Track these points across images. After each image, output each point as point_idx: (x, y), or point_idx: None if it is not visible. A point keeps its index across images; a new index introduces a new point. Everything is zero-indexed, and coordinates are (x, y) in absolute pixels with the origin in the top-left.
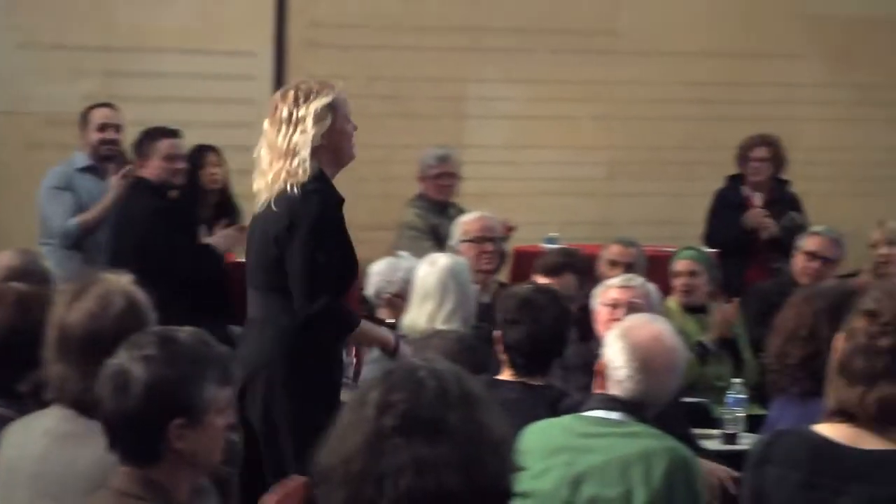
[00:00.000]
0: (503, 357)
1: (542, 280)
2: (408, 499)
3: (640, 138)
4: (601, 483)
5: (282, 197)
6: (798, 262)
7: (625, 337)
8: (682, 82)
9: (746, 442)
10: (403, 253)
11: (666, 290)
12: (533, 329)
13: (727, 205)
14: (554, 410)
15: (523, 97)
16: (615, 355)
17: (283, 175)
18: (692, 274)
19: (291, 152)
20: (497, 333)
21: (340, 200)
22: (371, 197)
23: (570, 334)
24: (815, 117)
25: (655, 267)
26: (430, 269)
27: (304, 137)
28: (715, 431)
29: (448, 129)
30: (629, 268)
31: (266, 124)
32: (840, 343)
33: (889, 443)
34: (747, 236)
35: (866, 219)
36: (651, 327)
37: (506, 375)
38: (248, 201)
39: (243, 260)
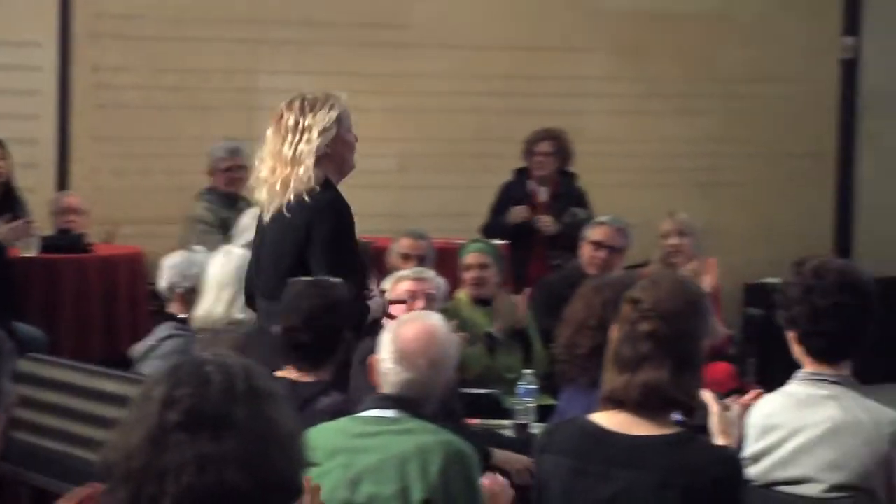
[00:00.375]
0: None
1: None
2: (189, 495)
3: (431, 131)
4: (378, 482)
5: (295, 206)
6: (585, 253)
7: (392, 333)
8: (474, 75)
9: (537, 432)
10: (198, 247)
11: (455, 282)
12: (294, 323)
13: (511, 198)
14: (302, 409)
15: (314, 89)
16: (383, 351)
17: (292, 183)
18: (482, 266)
19: (298, 160)
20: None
21: (349, 207)
22: (159, 190)
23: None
24: (604, 110)
25: (445, 259)
26: (226, 259)
27: (310, 146)
28: (506, 422)
29: (238, 121)
30: (421, 261)
31: (269, 132)
32: (614, 332)
33: (656, 428)
34: (525, 231)
35: (656, 210)
36: (419, 323)
37: (283, 371)
38: (33, 194)
39: (29, 255)
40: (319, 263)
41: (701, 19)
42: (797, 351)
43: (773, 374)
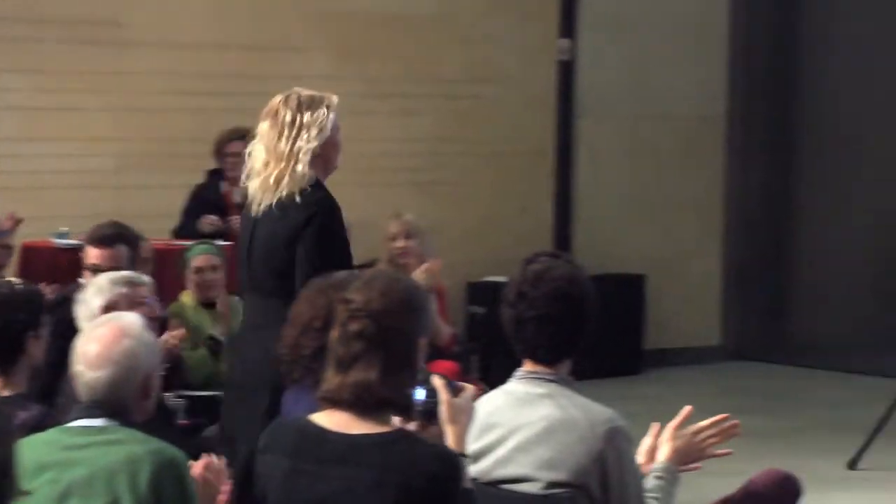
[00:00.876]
0: None
1: (95, 252)
2: None
3: (150, 130)
4: (87, 496)
5: (288, 203)
6: None
7: (82, 337)
8: (193, 74)
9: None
10: None
11: (177, 284)
12: None
13: (203, 200)
14: None
15: (30, 88)
16: (76, 355)
17: (286, 180)
18: (213, 269)
19: (294, 157)
20: None
21: (340, 208)
22: None
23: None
24: None
25: (165, 261)
26: None
27: (308, 145)
28: None
29: None
30: (143, 263)
31: (265, 126)
32: (334, 333)
33: (374, 427)
34: (220, 233)
35: (377, 209)
36: (108, 324)
37: None
38: None
39: None
40: (305, 261)
41: (421, 21)
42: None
43: (496, 372)
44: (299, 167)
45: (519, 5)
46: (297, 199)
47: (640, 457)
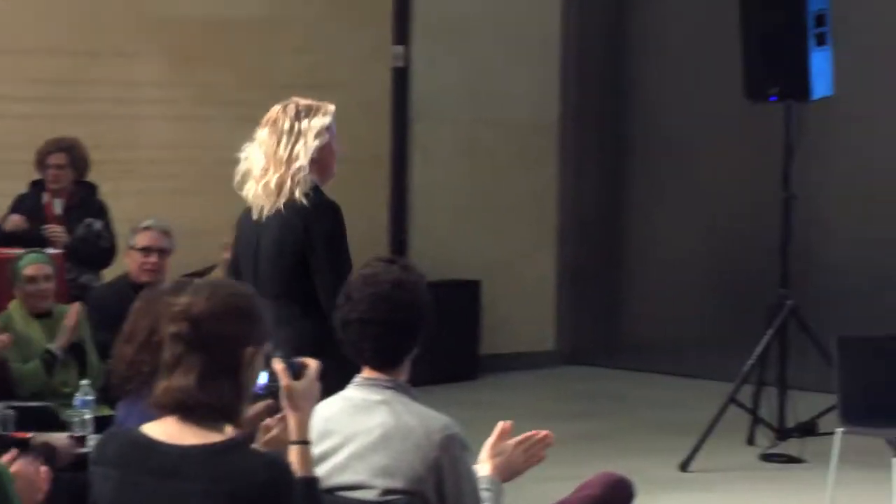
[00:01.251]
0: None
1: None
2: None
3: None
4: None
5: (293, 207)
6: (133, 260)
7: None
8: (22, 80)
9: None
10: None
11: (4, 294)
12: None
13: (23, 211)
14: None
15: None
16: None
17: (288, 184)
18: (47, 278)
19: (293, 160)
20: None
21: (341, 209)
22: None
23: None
24: (157, 115)
25: None
26: None
27: (306, 149)
28: (62, 435)
29: None
30: None
31: (265, 134)
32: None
33: (204, 436)
34: (35, 243)
35: (210, 217)
36: None
37: None
38: None
39: None
40: (323, 263)
41: (254, 26)
42: None
43: None
44: (297, 171)
45: (353, 12)
46: (300, 204)
47: (483, 453)
